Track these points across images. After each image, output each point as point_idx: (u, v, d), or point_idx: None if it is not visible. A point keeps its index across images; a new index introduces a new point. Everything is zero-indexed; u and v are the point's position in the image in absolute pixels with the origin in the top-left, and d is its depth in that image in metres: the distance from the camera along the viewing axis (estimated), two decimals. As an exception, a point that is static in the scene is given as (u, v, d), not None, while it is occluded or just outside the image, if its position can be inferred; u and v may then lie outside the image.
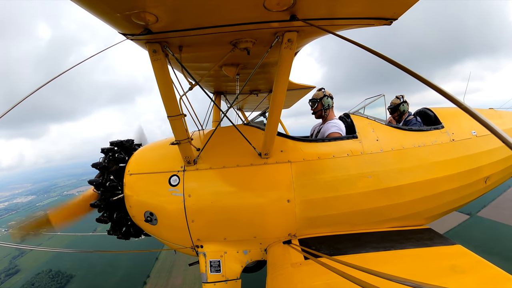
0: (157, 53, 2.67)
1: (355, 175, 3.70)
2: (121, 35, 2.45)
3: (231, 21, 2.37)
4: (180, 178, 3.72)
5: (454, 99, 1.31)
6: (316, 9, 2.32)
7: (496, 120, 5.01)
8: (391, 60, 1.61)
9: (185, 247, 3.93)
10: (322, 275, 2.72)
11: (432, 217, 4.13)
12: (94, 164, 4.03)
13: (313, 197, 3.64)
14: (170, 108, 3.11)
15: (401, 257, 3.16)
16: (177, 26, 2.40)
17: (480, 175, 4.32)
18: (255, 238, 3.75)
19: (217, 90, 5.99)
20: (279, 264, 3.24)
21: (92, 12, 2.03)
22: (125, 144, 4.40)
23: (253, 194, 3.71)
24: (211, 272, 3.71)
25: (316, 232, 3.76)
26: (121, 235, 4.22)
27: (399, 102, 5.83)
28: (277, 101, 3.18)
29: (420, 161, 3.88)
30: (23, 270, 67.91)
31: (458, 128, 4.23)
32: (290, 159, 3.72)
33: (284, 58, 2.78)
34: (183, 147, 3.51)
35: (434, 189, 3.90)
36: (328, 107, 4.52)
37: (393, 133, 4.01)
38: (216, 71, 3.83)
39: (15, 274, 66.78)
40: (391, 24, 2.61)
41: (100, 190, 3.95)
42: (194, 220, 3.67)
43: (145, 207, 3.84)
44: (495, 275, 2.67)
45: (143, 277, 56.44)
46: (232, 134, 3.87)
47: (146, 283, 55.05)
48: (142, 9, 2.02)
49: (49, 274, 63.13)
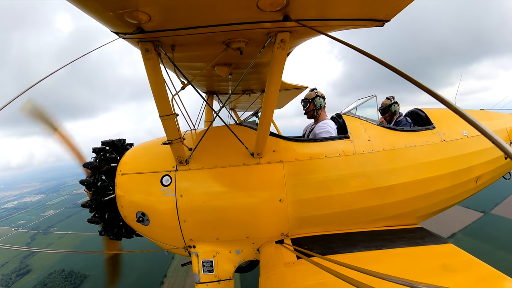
0: (150, 52, 2.66)
1: (347, 175, 3.72)
2: (114, 33, 2.43)
3: (224, 21, 2.37)
4: (172, 178, 3.70)
5: (444, 100, 1.33)
6: (309, 10, 2.33)
7: (486, 121, 5.08)
8: (380, 60, 1.62)
9: (177, 248, 3.92)
10: (315, 275, 2.72)
11: (424, 216, 4.17)
12: (85, 164, 3.99)
13: (305, 197, 3.65)
14: (162, 108, 3.09)
15: (393, 256, 3.19)
16: (169, 25, 2.39)
17: (471, 175, 4.38)
18: (247, 238, 3.75)
19: (209, 90, 5.97)
20: (272, 264, 3.25)
21: (84, 10, 2.01)
22: (116, 143, 4.36)
23: (246, 194, 3.70)
24: (203, 272, 3.70)
25: (308, 231, 3.77)
26: (113, 235, 4.18)
27: (390, 103, 5.88)
28: (270, 101, 3.18)
29: (412, 161, 3.92)
30: (34, 270, 67.01)
31: (449, 128, 4.29)
32: (282, 159, 3.73)
33: (277, 59, 2.79)
34: (175, 147, 3.50)
35: (425, 189, 3.94)
36: (320, 107, 4.54)
37: (384, 134, 4.04)
38: (209, 70, 3.82)
39: (27, 274, 65.87)
40: (384, 26, 2.63)
41: (92, 190, 3.91)
42: (186, 220, 3.65)
43: (137, 207, 3.81)
44: (486, 274, 2.69)
45: (160, 276, 55.67)
46: (224, 134, 3.86)
47: (163, 283, 54.34)
48: (135, 8, 2.00)
49: (61, 274, 62.09)
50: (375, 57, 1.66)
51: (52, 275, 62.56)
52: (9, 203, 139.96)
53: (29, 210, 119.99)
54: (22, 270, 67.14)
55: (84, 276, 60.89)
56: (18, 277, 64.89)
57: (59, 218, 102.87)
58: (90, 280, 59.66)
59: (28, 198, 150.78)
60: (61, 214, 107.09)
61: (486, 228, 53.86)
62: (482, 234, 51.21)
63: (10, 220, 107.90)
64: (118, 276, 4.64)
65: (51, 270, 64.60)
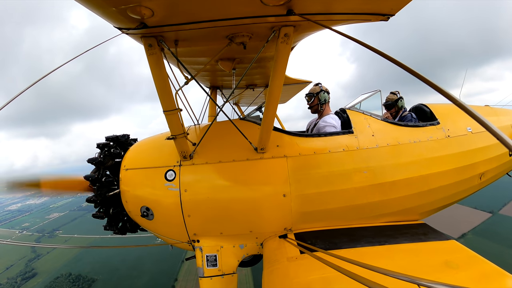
0: (153, 47, 2.65)
1: (351, 170, 3.72)
2: (116, 29, 2.43)
3: (227, 15, 2.35)
4: (176, 172, 3.72)
5: (450, 96, 1.32)
6: (313, 4, 2.31)
7: (491, 117, 5.04)
8: (386, 55, 1.61)
9: (181, 242, 3.95)
10: (318, 269, 2.74)
11: (427, 212, 4.16)
12: (90, 159, 4.01)
13: (308, 192, 3.66)
14: (166, 103, 3.10)
15: (396, 251, 3.19)
16: (172, 20, 2.38)
17: (475, 172, 4.35)
18: (251, 232, 3.77)
19: (213, 85, 5.96)
20: (275, 259, 3.27)
21: (87, 6, 2.01)
22: (120, 139, 4.37)
23: (249, 188, 3.71)
24: (207, 266, 3.72)
25: (311, 226, 3.78)
26: (117, 230, 4.22)
27: (396, 98, 5.84)
28: (274, 95, 3.17)
29: (416, 157, 3.90)
30: (40, 274, 66.42)
31: (454, 124, 4.26)
32: (286, 154, 3.73)
33: (281, 53, 2.77)
34: (179, 141, 3.50)
35: (429, 185, 3.93)
36: (325, 101, 4.52)
37: (389, 129, 4.02)
38: (212, 65, 3.81)
39: (32, 278, 65.21)
40: (388, 20, 2.60)
41: (96, 186, 3.93)
42: (190, 215, 3.67)
43: (141, 202, 3.84)
44: (489, 270, 2.70)
45: (170, 280, 55.38)
46: (228, 128, 3.86)
47: (174, 287, 54.23)
48: (137, 3, 1.99)
49: (69, 278, 61.43)
50: (377, 50, 1.65)
51: (59, 279, 62.06)
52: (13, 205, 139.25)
53: (33, 213, 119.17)
54: (28, 273, 66.67)
55: (92, 280, 60.38)
56: (24, 280, 64.45)
57: (64, 221, 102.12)
58: (98, 284, 59.11)
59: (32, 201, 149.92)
60: (66, 217, 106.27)
61: (495, 228, 54.81)
62: (492, 234, 52.04)
63: (14, 223, 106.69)
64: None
65: (57, 274, 64.14)
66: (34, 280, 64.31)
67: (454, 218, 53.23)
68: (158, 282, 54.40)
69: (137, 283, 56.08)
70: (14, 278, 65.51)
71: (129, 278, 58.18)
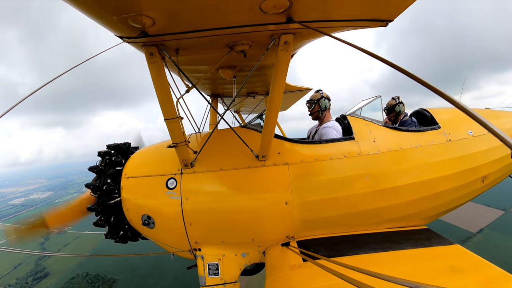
0: (154, 56, 2.67)
1: (353, 176, 3.71)
2: (118, 37, 2.44)
3: (227, 24, 2.37)
4: (177, 181, 3.71)
5: (451, 99, 1.32)
6: (312, 11, 2.33)
7: (493, 119, 5.04)
8: (385, 60, 1.62)
9: (183, 251, 3.92)
10: (321, 277, 2.71)
11: (431, 217, 4.13)
12: (91, 167, 4.01)
13: (310, 199, 3.64)
14: (167, 111, 3.10)
15: (400, 257, 3.16)
16: (173, 29, 2.40)
17: (477, 175, 4.33)
18: (253, 240, 3.74)
19: (214, 93, 5.99)
20: (278, 267, 3.24)
21: (88, 15, 2.02)
22: (122, 147, 4.38)
23: (251, 196, 3.70)
24: (209, 275, 3.70)
25: (314, 234, 3.76)
26: (118, 239, 4.20)
27: (395, 103, 5.86)
28: (274, 103, 3.18)
29: (417, 162, 3.89)
30: (53, 274, 63.73)
31: (455, 128, 4.25)
32: (287, 161, 3.72)
33: (281, 61, 2.78)
34: (180, 150, 3.50)
35: (431, 190, 3.91)
36: (325, 108, 4.52)
37: (390, 134, 4.02)
38: (213, 73, 3.82)
39: (44, 278, 62.47)
40: (387, 26, 2.62)
41: (97, 194, 3.93)
42: (192, 223, 3.65)
43: (142, 210, 3.83)
44: (495, 275, 2.66)
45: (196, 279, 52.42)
46: (229, 136, 3.87)
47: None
48: (138, 12, 2.01)
49: (86, 278, 58.38)
50: (375, 55, 1.66)
51: (75, 279, 59.26)
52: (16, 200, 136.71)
53: (38, 208, 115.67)
54: (39, 273, 63.62)
55: (112, 280, 57.78)
56: (35, 281, 61.53)
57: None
58: (120, 284, 56.34)
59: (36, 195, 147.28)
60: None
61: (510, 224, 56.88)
62: (508, 229, 54.23)
63: (18, 218, 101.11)
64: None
65: (72, 273, 61.36)
66: (46, 281, 61.68)
67: (468, 215, 55.04)
68: (185, 281, 50.09)
69: (160, 283, 53.49)
70: (24, 278, 62.55)
71: (152, 277, 55.61)
